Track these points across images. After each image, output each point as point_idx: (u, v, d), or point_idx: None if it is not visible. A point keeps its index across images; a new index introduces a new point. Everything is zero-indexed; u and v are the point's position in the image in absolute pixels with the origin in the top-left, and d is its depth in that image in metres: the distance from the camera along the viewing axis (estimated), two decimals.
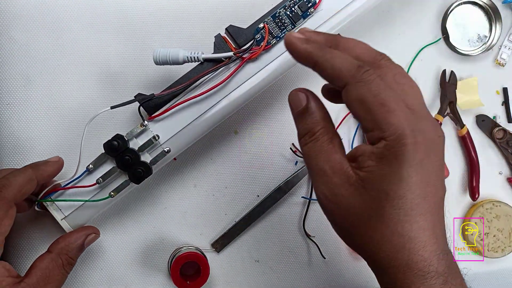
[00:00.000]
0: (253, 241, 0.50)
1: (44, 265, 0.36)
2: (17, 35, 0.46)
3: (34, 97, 0.46)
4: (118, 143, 0.38)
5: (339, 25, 0.42)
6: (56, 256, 0.37)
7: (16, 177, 0.35)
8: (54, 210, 0.39)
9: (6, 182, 0.35)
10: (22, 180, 0.36)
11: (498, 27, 0.54)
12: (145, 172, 0.39)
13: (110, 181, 0.40)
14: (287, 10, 0.41)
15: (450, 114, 0.53)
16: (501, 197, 0.55)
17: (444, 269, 0.29)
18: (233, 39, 0.41)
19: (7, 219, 0.34)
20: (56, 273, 0.36)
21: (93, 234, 0.40)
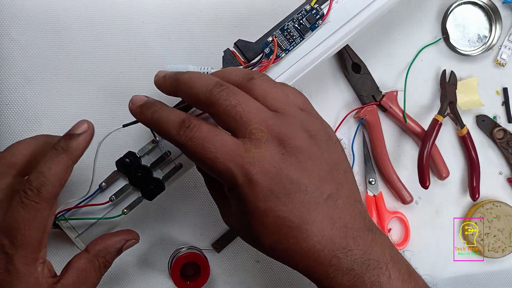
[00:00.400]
0: None
1: (81, 266, 0.35)
2: (17, 35, 0.46)
3: (34, 96, 0.46)
4: (130, 160, 0.38)
5: (347, 36, 0.42)
6: (94, 258, 0.36)
7: (52, 170, 0.32)
8: (68, 229, 0.39)
9: (44, 180, 0.31)
10: (60, 172, 0.32)
11: (498, 27, 0.54)
12: (158, 188, 0.39)
13: (123, 198, 0.40)
14: (295, 23, 0.41)
15: (450, 114, 0.53)
16: (501, 197, 0.55)
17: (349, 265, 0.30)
18: (242, 53, 0.41)
19: (51, 218, 0.33)
20: (92, 276, 0.35)
21: (133, 240, 0.38)
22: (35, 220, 0.31)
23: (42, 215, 0.32)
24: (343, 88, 0.53)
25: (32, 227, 0.31)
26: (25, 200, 0.31)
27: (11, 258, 0.31)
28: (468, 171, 0.54)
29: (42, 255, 0.33)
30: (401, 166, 0.54)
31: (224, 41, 0.43)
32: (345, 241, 0.30)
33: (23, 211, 0.31)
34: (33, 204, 0.31)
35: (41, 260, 0.32)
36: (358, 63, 0.52)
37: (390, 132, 0.54)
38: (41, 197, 0.31)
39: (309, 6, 0.41)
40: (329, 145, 0.32)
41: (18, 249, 0.31)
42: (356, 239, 0.31)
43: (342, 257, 0.30)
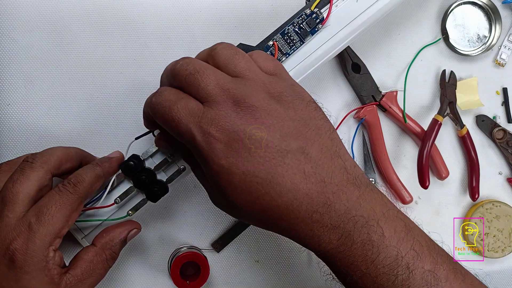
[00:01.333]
0: (253, 241, 0.50)
1: (89, 258, 0.37)
2: (18, 36, 0.46)
3: (35, 97, 0.46)
4: (134, 163, 0.39)
5: (347, 39, 0.43)
6: (101, 250, 0.37)
7: (88, 174, 0.37)
8: (74, 230, 0.40)
9: (81, 178, 0.36)
10: (93, 177, 0.37)
11: (498, 27, 0.54)
12: (162, 190, 0.40)
13: (128, 200, 0.41)
14: (296, 27, 0.41)
15: (450, 114, 0.53)
16: (501, 197, 0.55)
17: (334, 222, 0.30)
18: None
19: (76, 213, 0.36)
20: (99, 267, 0.37)
21: (135, 229, 0.40)
22: (64, 206, 0.34)
23: (71, 205, 0.35)
24: (343, 88, 0.53)
25: (60, 211, 0.34)
26: (62, 188, 0.35)
27: (34, 234, 0.33)
28: (467, 171, 0.54)
29: (57, 243, 0.34)
30: (400, 166, 0.54)
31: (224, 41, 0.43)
32: (324, 196, 0.30)
33: (58, 196, 0.34)
34: (68, 193, 0.35)
35: (54, 247, 0.34)
36: (358, 63, 0.52)
37: (390, 132, 0.54)
38: (76, 190, 0.35)
39: (309, 10, 0.42)
40: (297, 105, 0.32)
41: (42, 226, 0.33)
42: (337, 194, 0.30)
43: (323, 212, 0.30)
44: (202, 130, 0.30)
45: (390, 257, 0.30)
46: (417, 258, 0.31)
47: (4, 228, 0.33)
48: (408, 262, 0.30)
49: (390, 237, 0.30)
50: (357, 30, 0.43)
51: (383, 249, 0.30)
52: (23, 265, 0.32)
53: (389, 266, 0.30)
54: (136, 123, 0.47)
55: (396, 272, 0.30)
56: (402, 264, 0.30)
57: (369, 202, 0.31)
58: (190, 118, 0.31)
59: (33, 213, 0.33)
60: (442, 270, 0.31)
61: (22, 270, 0.32)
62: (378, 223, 0.30)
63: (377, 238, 0.30)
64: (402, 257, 0.30)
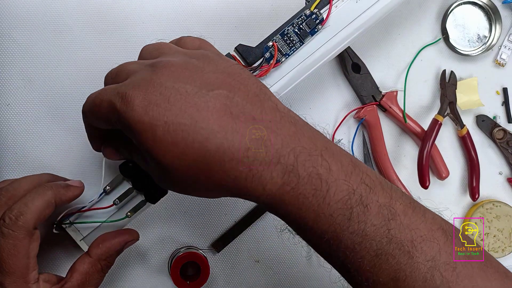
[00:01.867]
0: (253, 241, 0.50)
1: (84, 270, 0.36)
2: (18, 36, 0.46)
3: (35, 97, 0.46)
4: (133, 164, 0.38)
5: (346, 40, 0.43)
6: (96, 262, 0.37)
7: (34, 201, 0.34)
8: (73, 231, 0.40)
9: (24, 209, 0.33)
10: (41, 205, 0.34)
11: (498, 27, 0.54)
12: (161, 191, 0.39)
13: (127, 201, 0.40)
14: (295, 27, 0.41)
15: (450, 114, 0.53)
16: (501, 197, 0.55)
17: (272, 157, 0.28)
18: (243, 57, 0.41)
19: (32, 244, 0.34)
20: (95, 277, 0.37)
21: (132, 240, 0.39)
22: (15, 248, 0.32)
23: (22, 244, 0.33)
24: (343, 88, 0.53)
25: (14, 256, 0.32)
26: (3, 229, 0.33)
27: (3, 285, 0.32)
28: (468, 171, 0.54)
29: (32, 277, 0.34)
30: (401, 166, 0.54)
31: (224, 41, 0.43)
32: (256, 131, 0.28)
33: (2, 240, 0.32)
34: (11, 233, 0.32)
35: (33, 281, 0.33)
36: (358, 63, 0.52)
37: (390, 132, 0.54)
38: (18, 225, 0.33)
39: (309, 10, 0.42)
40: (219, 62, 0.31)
41: (7, 276, 0.32)
42: (270, 128, 0.29)
43: (258, 147, 0.28)
44: (120, 95, 0.29)
45: (342, 191, 0.28)
46: (370, 192, 0.29)
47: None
48: (361, 195, 0.29)
49: (337, 170, 0.29)
50: (357, 31, 0.43)
51: (333, 183, 0.28)
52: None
53: (342, 201, 0.28)
54: None
55: (350, 207, 0.28)
56: (355, 198, 0.28)
57: (308, 137, 0.29)
58: (109, 91, 0.30)
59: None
60: (398, 205, 0.29)
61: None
62: (323, 156, 0.29)
63: (324, 171, 0.28)
64: (353, 190, 0.29)
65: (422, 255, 0.29)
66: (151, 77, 0.29)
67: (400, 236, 0.29)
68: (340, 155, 0.30)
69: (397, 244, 0.29)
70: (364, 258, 0.29)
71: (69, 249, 0.45)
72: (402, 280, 0.29)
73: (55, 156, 0.46)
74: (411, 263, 0.29)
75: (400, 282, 0.29)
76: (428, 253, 0.29)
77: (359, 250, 0.29)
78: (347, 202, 0.28)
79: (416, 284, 0.29)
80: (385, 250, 0.29)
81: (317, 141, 0.30)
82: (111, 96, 0.30)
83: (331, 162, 0.29)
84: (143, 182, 0.39)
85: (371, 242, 0.29)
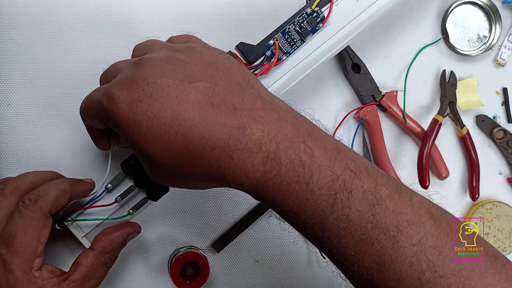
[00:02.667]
0: (253, 241, 0.50)
1: (88, 263, 0.37)
2: (18, 36, 0.46)
3: (35, 97, 0.46)
4: (135, 162, 0.39)
5: (347, 38, 0.43)
6: (100, 255, 0.37)
7: (52, 189, 0.36)
8: (75, 229, 0.40)
9: (42, 193, 0.35)
10: (58, 192, 0.36)
11: (498, 27, 0.54)
12: (162, 189, 0.40)
13: (129, 199, 0.41)
14: (296, 26, 0.42)
15: (450, 114, 0.53)
16: (501, 197, 0.55)
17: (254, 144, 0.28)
18: (244, 55, 0.41)
19: (45, 229, 0.35)
20: (99, 270, 0.37)
21: (135, 232, 0.40)
22: (29, 228, 0.33)
23: (36, 225, 0.34)
24: (343, 88, 0.53)
25: (27, 235, 0.33)
26: (22, 208, 0.34)
27: (9, 265, 0.32)
28: (468, 171, 0.54)
29: (37, 262, 0.34)
30: (400, 166, 0.54)
31: (224, 41, 0.43)
32: (237, 120, 0.28)
33: (19, 219, 0.33)
34: (29, 212, 0.34)
35: (36, 268, 0.34)
36: (358, 63, 0.52)
37: (390, 132, 0.54)
38: (37, 206, 0.34)
39: (310, 9, 0.42)
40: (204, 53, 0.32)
41: (14, 256, 0.33)
42: (251, 116, 0.29)
43: (239, 136, 0.28)
44: (106, 94, 0.30)
45: (325, 177, 0.28)
46: (355, 177, 0.29)
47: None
48: (345, 181, 0.29)
49: (321, 156, 0.29)
50: (358, 29, 0.43)
51: (316, 169, 0.28)
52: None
53: (326, 187, 0.28)
54: None
55: (334, 193, 0.28)
56: (339, 184, 0.28)
57: (291, 124, 0.29)
58: (98, 92, 0.32)
59: (2, 243, 0.33)
60: (384, 190, 0.29)
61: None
62: (305, 142, 0.29)
63: (307, 158, 0.28)
64: (337, 176, 0.29)
65: (408, 239, 0.29)
66: (134, 73, 0.30)
67: (385, 221, 0.29)
68: (325, 140, 0.30)
69: (382, 229, 0.29)
70: (349, 243, 0.29)
71: (71, 247, 0.45)
72: (388, 264, 0.29)
73: (55, 156, 0.46)
74: (397, 248, 0.29)
75: (386, 267, 0.29)
76: (414, 238, 0.29)
77: (344, 236, 0.29)
78: (330, 188, 0.28)
79: (402, 269, 0.28)
80: (370, 235, 0.29)
81: (301, 127, 0.30)
82: (99, 96, 0.31)
83: (314, 148, 0.29)
84: (145, 180, 0.39)
85: (355, 227, 0.29)
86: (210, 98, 0.29)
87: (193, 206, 0.49)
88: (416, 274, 0.28)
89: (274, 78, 0.42)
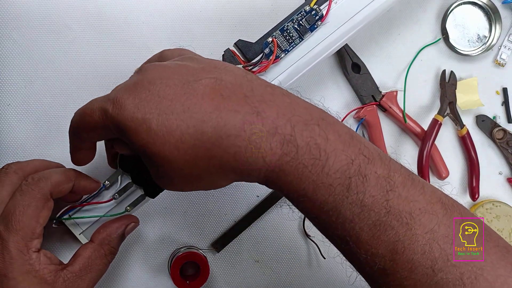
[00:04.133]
0: (253, 241, 0.50)
1: (87, 254, 0.36)
2: (18, 36, 0.46)
3: (35, 97, 0.46)
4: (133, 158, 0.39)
5: (346, 36, 0.43)
6: (99, 246, 0.37)
7: (56, 173, 0.36)
8: (72, 226, 0.40)
9: (46, 174, 0.35)
10: (61, 177, 0.36)
11: (498, 27, 0.54)
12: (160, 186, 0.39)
13: (126, 196, 0.41)
14: (295, 23, 0.42)
15: (450, 114, 0.53)
16: (501, 197, 0.55)
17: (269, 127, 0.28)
18: (242, 53, 0.42)
19: (45, 211, 0.35)
20: (98, 262, 0.37)
21: (132, 223, 0.40)
22: (29, 207, 0.33)
23: (36, 204, 0.34)
24: (343, 88, 0.53)
25: (26, 214, 0.33)
26: (24, 187, 0.34)
27: (6, 242, 0.32)
28: (467, 171, 0.54)
29: (35, 244, 0.34)
30: None
31: (224, 41, 0.43)
32: (250, 106, 0.28)
33: (19, 196, 0.34)
34: (30, 190, 0.34)
35: (34, 249, 0.34)
36: (358, 63, 0.52)
37: (390, 132, 0.54)
38: (39, 186, 0.34)
39: (308, 7, 0.42)
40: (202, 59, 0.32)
41: (12, 233, 0.33)
42: (264, 101, 0.29)
43: (254, 120, 0.28)
44: (111, 100, 0.30)
45: (340, 161, 0.28)
46: (368, 162, 0.29)
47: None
48: (360, 165, 0.28)
49: (335, 140, 0.29)
50: (357, 27, 0.43)
51: (331, 153, 0.28)
52: (6, 272, 0.32)
53: (341, 171, 0.28)
54: None
55: (349, 177, 0.28)
56: (354, 168, 0.28)
57: (304, 108, 0.29)
58: (99, 100, 0.31)
59: (1, 221, 0.33)
60: (397, 176, 0.29)
61: (6, 277, 0.32)
62: (319, 125, 0.29)
63: (322, 141, 0.28)
64: (352, 160, 0.28)
65: (421, 227, 0.28)
66: (138, 78, 0.30)
67: (398, 207, 0.28)
68: (337, 125, 0.30)
69: (395, 216, 0.28)
70: (362, 230, 0.29)
71: (69, 243, 0.45)
72: (401, 252, 0.28)
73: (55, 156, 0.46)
74: (410, 235, 0.28)
75: (399, 255, 0.28)
76: (427, 225, 0.29)
77: (358, 221, 0.29)
78: (345, 172, 0.28)
79: (414, 257, 0.28)
80: (384, 221, 0.28)
81: (313, 111, 0.30)
82: (101, 103, 0.30)
83: (328, 132, 0.29)
84: (142, 177, 0.39)
85: (369, 212, 0.28)
86: (219, 90, 0.29)
87: (193, 206, 0.49)
88: (428, 263, 0.28)
89: (272, 76, 0.42)
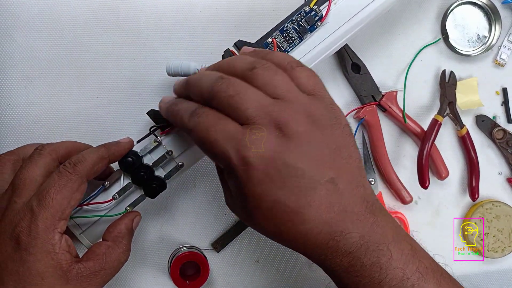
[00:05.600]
0: (253, 241, 0.50)
1: (101, 251, 0.37)
2: (18, 36, 0.46)
3: (35, 97, 0.46)
4: (133, 159, 0.39)
5: (345, 36, 0.43)
6: (113, 244, 0.38)
7: (90, 154, 0.37)
8: (72, 226, 0.40)
9: (81, 158, 0.36)
10: (96, 157, 0.37)
11: (498, 27, 0.54)
12: (160, 187, 0.40)
13: (126, 196, 0.41)
14: (295, 24, 0.42)
15: (449, 114, 0.53)
16: (501, 197, 0.55)
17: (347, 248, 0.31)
18: None
19: (78, 193, 0.36)
20: (113, 259, 0.37)
21: (137, 217, 0.41)
22: (64, 187, 0.35)
23: (71, 186, 0.35)
24: (342, 88, 0.53)
25: (60, 193, 0.34)
26: (61, 169, 0.35)
27: (36, 217, 0.33)
28: (467, 171, 0.54)
29: (61, 225, 0.35)
30: (400, 166, 0.54)
31: (224, 41, 0.43)
32: (343, 225, 0.31)
33: (57, 177, 0.35)
34: (67, 173, 0.35)
35: (59, 230, 0.34)
36: (358, 63, 0.52)
37: (390, 132, 0.54)
38: (75, 169, 0.36)
39: (308, 7, 0.42)
40: (334, 130, 0.32)
41: (43, 209, 0.33)
42: (355, 222, 0.31)
43: (340, 240, 0.31)
44: (239, 155, 0.30)
45: (396, 278, 0.31)
46: (422, 280, 0.31)
47: (11, 212, 0.34)
48: (414, 283, 0.31)
49: (397, 259, 0.31)
50: (356, 27, 0.43)
51: (390, 271, 0.31)
52: (27, 246, 0.33)
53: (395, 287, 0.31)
54: (137, 122, 0.47)
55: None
56: (407, 285, 0.31)
57: (381, 228, 0.32)
58: (228, 140, 0.31)
59: (35, 197, 0.34)
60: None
61: (26, 251, 0.33)
62: (388, 247, 0.31)
63: (385, 260, 0.31)
64: (407, 278, 0.31)
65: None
66: (276, 150, 0.30)
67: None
68: (403, 242, 0.32)
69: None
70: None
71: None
72: None
73: None
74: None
75: None
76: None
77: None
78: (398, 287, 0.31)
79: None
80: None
81: (388, 230, 0.32)
82: (229, 148, 0.31)
83: (394, 251, 0.31)
84: (142, 177, 0.39)
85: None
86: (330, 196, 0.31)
87: (193, 206, 0.49)
88: None
89: None
